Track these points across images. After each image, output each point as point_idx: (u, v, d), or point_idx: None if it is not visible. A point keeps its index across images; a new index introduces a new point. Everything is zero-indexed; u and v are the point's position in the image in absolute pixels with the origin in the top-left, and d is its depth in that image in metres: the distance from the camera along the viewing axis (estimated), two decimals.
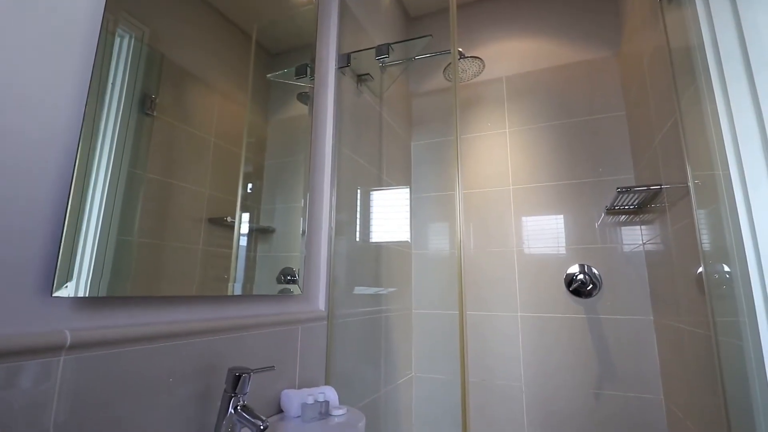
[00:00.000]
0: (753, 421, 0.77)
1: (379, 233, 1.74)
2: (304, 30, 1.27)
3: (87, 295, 0.62)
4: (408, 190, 2.10)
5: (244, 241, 0.96)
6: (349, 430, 0.92)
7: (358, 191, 1.58)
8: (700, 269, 1.02)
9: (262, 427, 0.68)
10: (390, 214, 1.88)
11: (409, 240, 2.07)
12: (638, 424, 1.56)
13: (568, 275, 1.75)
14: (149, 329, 0.70)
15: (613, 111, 1.81)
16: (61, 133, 0.62)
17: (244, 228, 0.97)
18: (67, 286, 0.59)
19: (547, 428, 1.69)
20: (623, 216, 1.71)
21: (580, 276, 1.72)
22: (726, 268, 0.88)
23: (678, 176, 1.16)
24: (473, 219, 1.97)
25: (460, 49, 1.71)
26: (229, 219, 0.92)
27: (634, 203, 1.57)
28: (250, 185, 1.00)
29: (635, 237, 1.69)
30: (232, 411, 0.73)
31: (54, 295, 0.57)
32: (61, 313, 0.60)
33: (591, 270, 1.72)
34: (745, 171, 0.81)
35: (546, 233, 1.82)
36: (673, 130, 1.17)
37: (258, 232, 1.02)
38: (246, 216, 0.98)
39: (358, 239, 1.55)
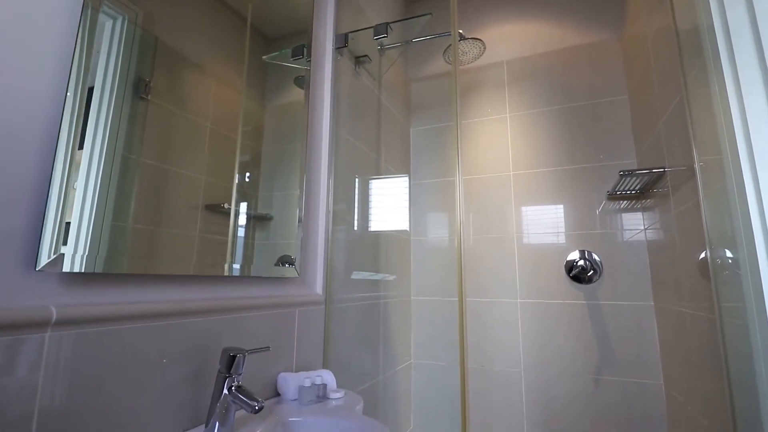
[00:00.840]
0: (758, 401, 0.75)
1: (378, 219, 1.72)
2: (300, 13, 1.24)
3: (75, 271, 0.59)
4: (407, 176, 2.08)
5: (241, 228, 0.95)
6: (346, 413, 0.91)
7: (356, 176, 1.56)
8: (704, 253, 1.00)
9: (256, 407, 0.67)
10: (389, 201, 1.86)
11: (408, 228, 2.04)
12: (638, 410, 1.56)
13: (568, 261, 1.74)
14: (142, 307, 0.68)
15: (615, 95, 1.78)
16: (45, 99, 0.59)
17: (242, 215, 0.95)
18: (52, 261, 0.57)
19: (545, 414, 1.68)
20: (624, 202, 1.69)
21: (581, 262, 1.70)
22: (731, 253, 0.86)
23: (682, 159, 1.13)
24: (473, 205, 1.95)
25: (461, 31, 1.68)
26: (225, 206, 0.90)
27: (636, 187, 1.55)
28: (247, 172, 0.98)
29: (636, 222, 1.67)
30: (227, 392, 0.71)
31: (38, 269, 0.55)
32: (47, 288, 0.57)
33: (591, 256, 1.70)
34: (754, 152, 0.79)
35: (546, 219, 1.80)
36: (678, 112, 1.14)
37: (256, 220, 1.00)
38: (243, 203, 0.96)
39: (356, 223, 1.53)
